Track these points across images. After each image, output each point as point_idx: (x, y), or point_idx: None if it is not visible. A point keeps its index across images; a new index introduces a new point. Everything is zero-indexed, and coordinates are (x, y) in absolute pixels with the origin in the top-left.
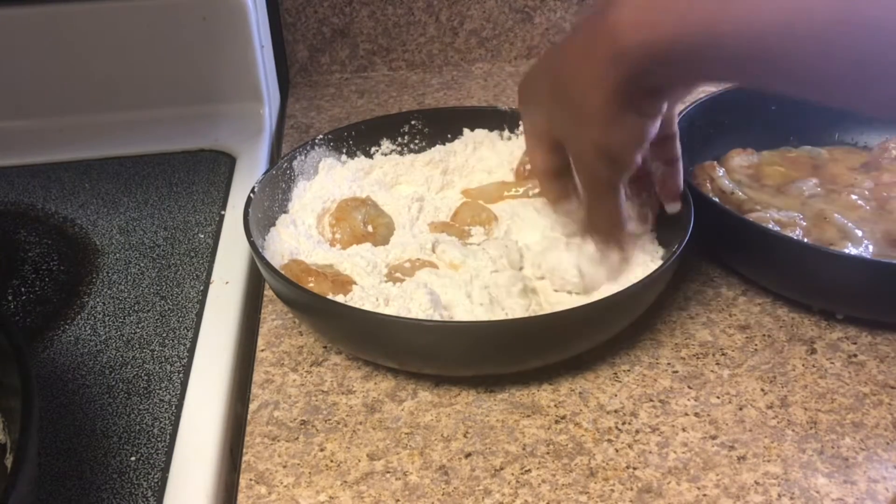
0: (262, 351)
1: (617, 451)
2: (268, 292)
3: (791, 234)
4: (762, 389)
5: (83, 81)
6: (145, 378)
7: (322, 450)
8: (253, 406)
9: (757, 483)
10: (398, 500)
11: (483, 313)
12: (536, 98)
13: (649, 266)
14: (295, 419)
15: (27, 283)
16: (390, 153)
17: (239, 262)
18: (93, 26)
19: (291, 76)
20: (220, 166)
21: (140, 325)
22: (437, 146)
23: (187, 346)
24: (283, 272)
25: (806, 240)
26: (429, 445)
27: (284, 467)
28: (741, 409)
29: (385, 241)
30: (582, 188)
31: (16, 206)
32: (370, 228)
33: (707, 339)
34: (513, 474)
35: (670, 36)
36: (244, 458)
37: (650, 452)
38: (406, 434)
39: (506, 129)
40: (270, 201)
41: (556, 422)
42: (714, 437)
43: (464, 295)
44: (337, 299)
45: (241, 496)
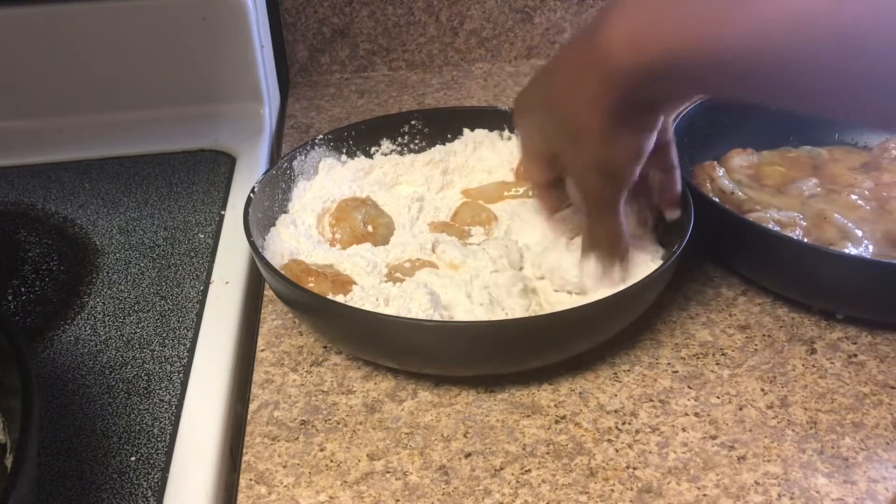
0: (262, 351)
1: (617, 451)
2: (268, 292)
3: (791, 234)
4: (762, 389)
5: (83, 81)
6: (145, 378)
7: (322, 450)
8: (253, 406)
9: (757, 483)
10: (398, 500)
11: (483, 313)
12: (532, 115)
13: (649, 266)
14: (295, 419)
15: (27, 283)
16: (390, 153)
17: (239, 262)
18: (93, 26)
19: (291, 76)
20: (220, 166)
21: (140, 325)
22: (437, 146)
23: (187, 346)
24: (283, 272)
25: (806, 240)
26: (429, 445)
27: (284, 467)
28: (741, 409)
29: (385, 241)
30: (583, 205)
31: (16, 206)
32: (370, 228)
33: (707, 339)
34: (513, 474)
35: (663, 53)
36: (244, 458)
37: (650, 452)
38: (406, 434)
39: (506, 129)
40: (270, 201)
41: (556, 422)
42: (714, 437)
43: (464, 295)
44: (337, 299)
45: (241, 496)
